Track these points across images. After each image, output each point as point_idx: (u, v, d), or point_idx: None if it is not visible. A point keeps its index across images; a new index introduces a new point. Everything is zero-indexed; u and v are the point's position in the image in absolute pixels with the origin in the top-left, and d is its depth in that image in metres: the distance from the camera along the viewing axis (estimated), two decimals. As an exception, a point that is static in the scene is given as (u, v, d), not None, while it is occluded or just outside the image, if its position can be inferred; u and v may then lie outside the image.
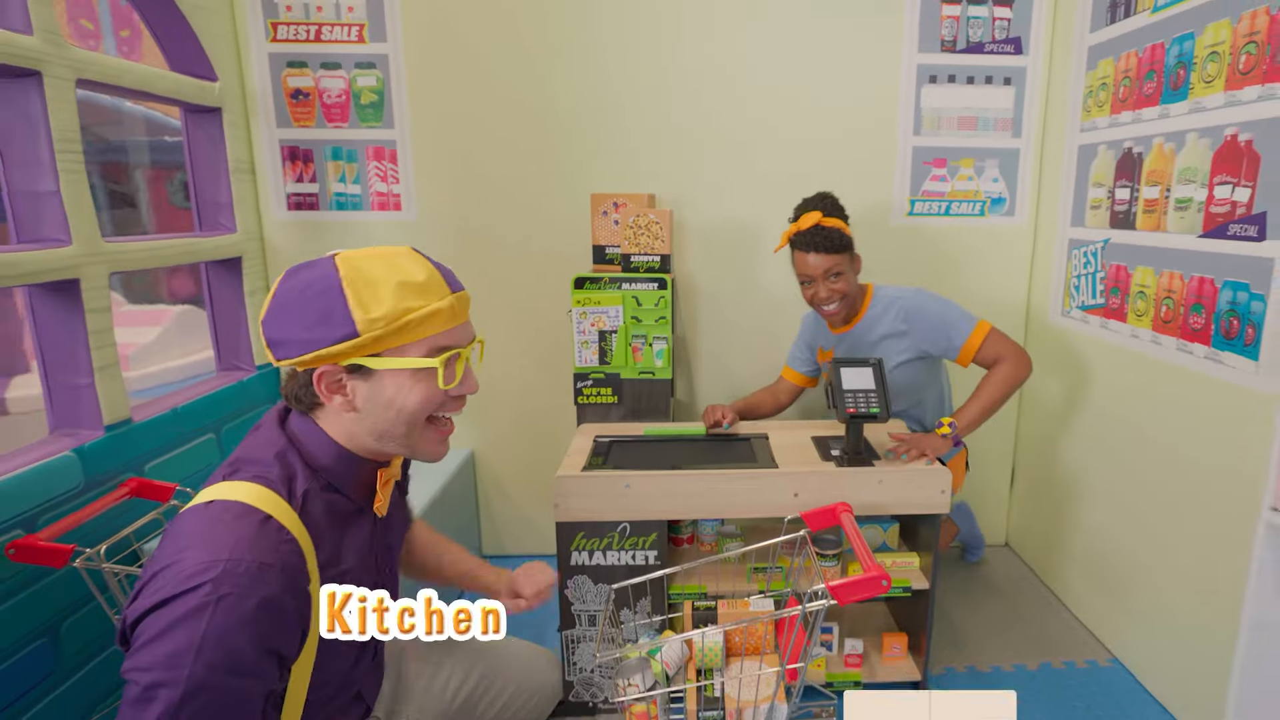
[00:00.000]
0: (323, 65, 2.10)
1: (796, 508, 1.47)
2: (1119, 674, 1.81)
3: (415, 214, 2.18)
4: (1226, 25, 1.43)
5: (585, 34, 2.08)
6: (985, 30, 2.04)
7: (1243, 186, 1.40)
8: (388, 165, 2.15)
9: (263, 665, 0.75)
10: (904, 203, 2.17)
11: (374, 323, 0.80)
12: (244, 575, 0.71)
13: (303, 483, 0.85)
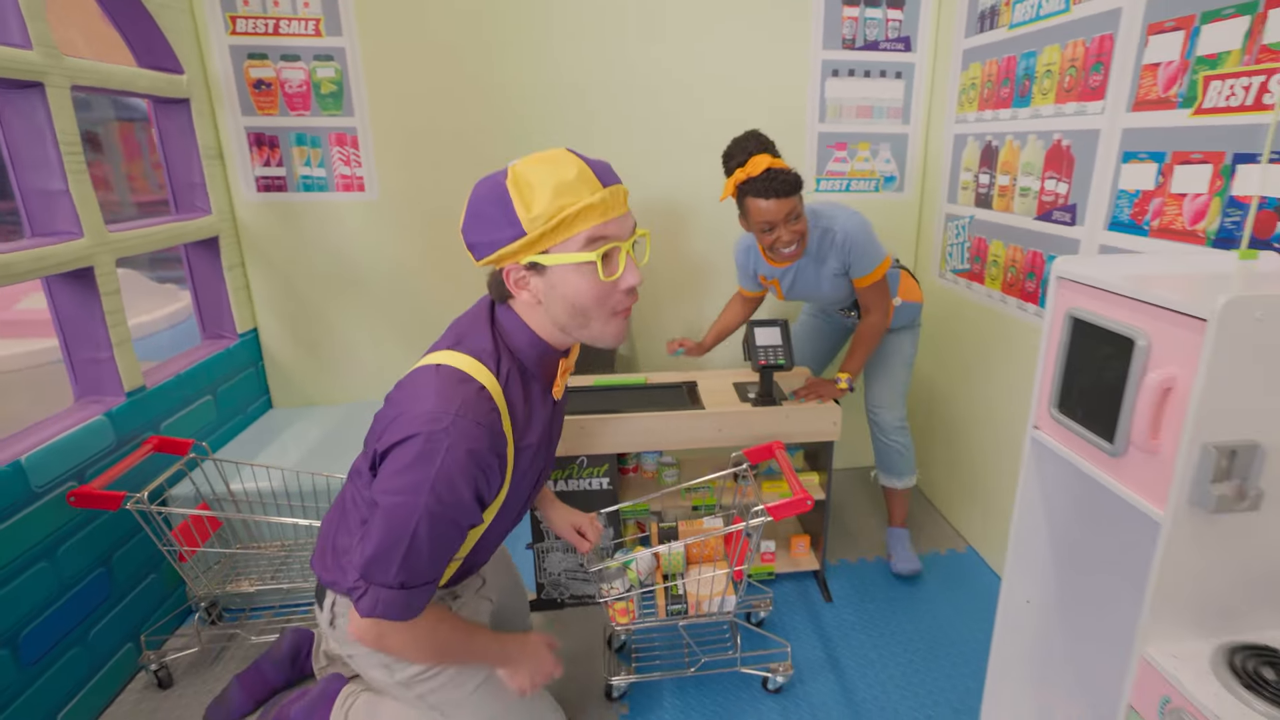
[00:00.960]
0: (283, 57, 2.20)
1: (720, 441, 1.85)
2: (972, 558, 2.29)
3: (378, 194, 2.34)
4: (1057, 49, 1.75)
5: (533, 24, 2.23)
6: (880, 30, 2.31)
7: (1063, 182, 1.75)
8: (349, 150, 2.29)
9: (472, 500, 0.94)
10: (811, 181, 2.46)
11: (535, 221, 0.90)
12: (466, 429, 0.89)
13: (505, 364, 1.00)
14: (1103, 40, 1.58)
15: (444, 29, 2.21)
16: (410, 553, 0.92)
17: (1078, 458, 1.13)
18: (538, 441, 1.07)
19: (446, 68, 2.24)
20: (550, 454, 1.20)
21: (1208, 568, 0.98)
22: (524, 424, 1.02)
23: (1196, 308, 0.87)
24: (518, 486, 1.07)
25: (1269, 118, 1.20)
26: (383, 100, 2.26)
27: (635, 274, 0.98)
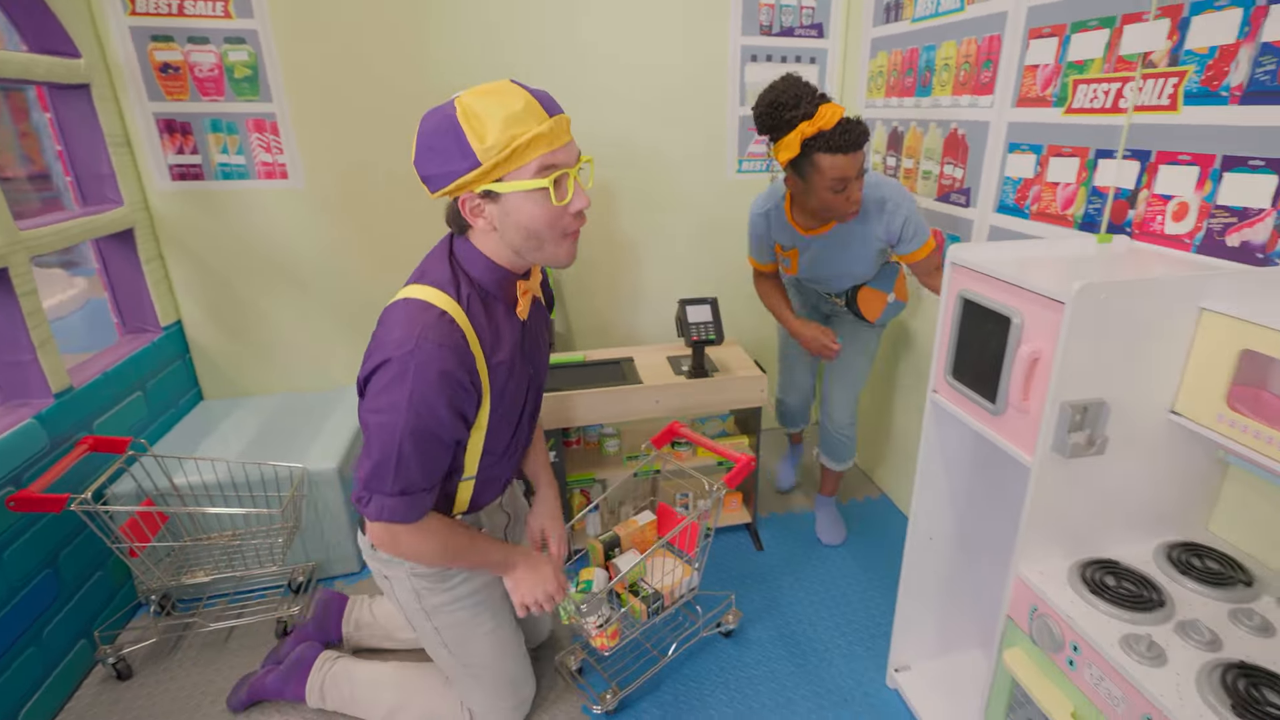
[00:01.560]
0: (190, 39, 2.14)
1: (658, 412, 2.02)
2: (885, 503, 2.61)
3: (303, 181, 2.34)
4: (954, 45, 1.96)
5: (456, 6, 2.26)
6: (795, 17, 2.48)
7: (959, 167, 1.98)
8: (269, 137, 2.27)
9: (450, 416, 1.07)
10: (734, 162, 2.62)
11: (489, 151, 0.97)
12: (431, 351, 1.02)
13: (465, 289, 1.11)
14: (992, 40, 1.79)
15: (362, 7, 2.20)
16: (401, 464, 1.06)
17: (968, 416, 1.36)
18: (510, 358, 1.18)
19: (367, 48, 2.23)
20: (533, 374, 1.31)
21: (1066, 501, 1.23)
22: (492, 342, 1.14)
23: (1058, 292, 1.09)
24: (502, 403, 1.20)
25: (1122, 120, 1.44)
26: (301, 84, 2.24)
27: (583, 198, 1.07)
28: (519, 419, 1.30)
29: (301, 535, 2.07)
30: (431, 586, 1.36)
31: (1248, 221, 1.21)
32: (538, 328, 1.32)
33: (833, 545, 2.32)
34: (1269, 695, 0.97)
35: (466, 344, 1.07)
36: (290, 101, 2.25)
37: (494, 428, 1.21)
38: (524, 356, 1.24)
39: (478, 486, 1.30)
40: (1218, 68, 1.23)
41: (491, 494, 1.38)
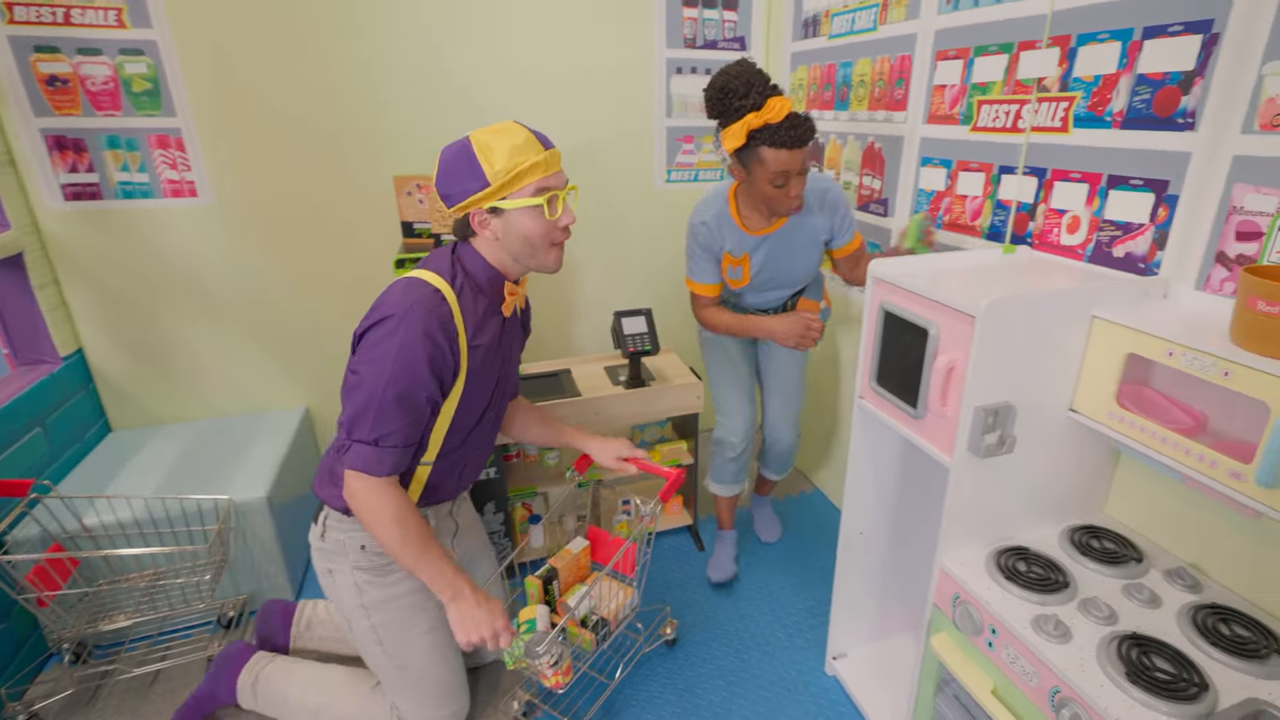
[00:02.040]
0: (79, 51, 2.03)
1: (598, 423, 2.06)
2: (819, 497, 2.76)
3: (213, 198, 2.26)
4: (868, 63, 2.10)
5: (371, 18, 2.23)
6: (718, 30, 2.57)
7: (877, 179, 2.12)
8: (175, 153, 2.18)
9: (429, 375, 1.24)
10: (662, 172, 2.71)
11: (497, 174, 1.24)
12: (422, 314, 1.22)
13: (460, 278, 1.33)
14: (904, 60, 1.93)
15: (270, 15, 2.14)
16: (381, 412, 1.23)
17: (892, 420, 1.48)
18: (489, 344, 1.38)
19: (278, 58, 2.18)
20: (503, 373, 1.49)
21: (982, 495, 1.36)
22: (475, 325, 1.34)
23: (969, 307, 1.21)
24: (475, 384, 1.38)
25: (1021, 139, 1.59)
26: (208, 97, 2.16)
27: (570, 215, 1.35)
28: (484, 409, 1.45)
29: (230, 568, 2.01)
30: (373, 580, 1.45)
31: (1130, 235, 1.36)
32: (514, 336, 1.52)
33: (771, 542, 2.43)
34: (1157, 661, 1.11)
35: (452, 318, 1.27)
36: (196, 115, 2.17)
37: (463, 406, 1.37)
38: (499, 351, 1.43)
39: (434, 475, 1.43)
40: (1101, 95, 1.38)
41: (445, 492, 1.50)
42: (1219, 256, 1.22)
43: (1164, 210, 1.29)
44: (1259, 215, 1.15)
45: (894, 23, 1.95)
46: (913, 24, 1.87)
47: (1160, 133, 1.28)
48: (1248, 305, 1.03)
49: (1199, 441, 1.11)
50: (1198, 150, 1.22)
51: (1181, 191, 1.26)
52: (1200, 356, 1.07)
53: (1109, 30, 1.35)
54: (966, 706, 1.37)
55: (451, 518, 1.61)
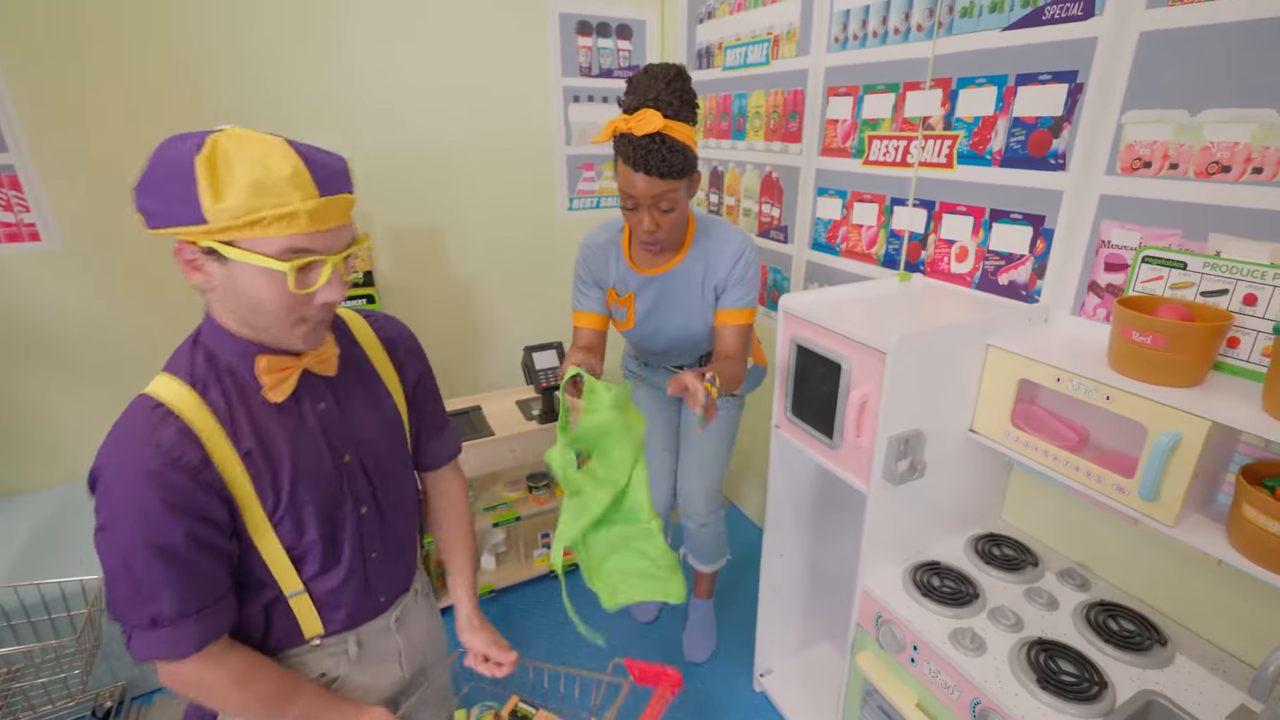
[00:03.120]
0: None
1: (513, 462, 1.99)
2: (734, 515, 2.81)
3: (59, 242, 2.04)
4: (762, 95, 2.17)
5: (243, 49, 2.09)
6: (613, 59, 2.59)
7: (776, 207, 2.19)
8: (9, 193, 1.96)
9: (179, 521, 0.85)
10: (565, 200, 2.69)
11: (221, 213, 0.79)
12: (134, 452, 0.85)
13: (203, 368, 0.92)
14: (796, 94, 2.01)
15: (115, 36, 1.96)
16: (137, 588, 0.87)
17: (809, 450, 1.53)
18: (281, 438, 0.96)
19: (131, 86, 2.00)
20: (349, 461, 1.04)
21: (897, 518, 1.42)
22: (241, 427, 0.93)
23: (879, 342, 1.26)
24: (285, 499, 0.96)
25: (910, 173, 1.68)
26: (48, 131, 1.95)
27: (336, 290, 0.90)
28: (337, 513, 1.03)
29: (104, 651, 1.81)
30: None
31: (1013, 264, 1.47)
32: (355, 401, 1.06)
33: (699, 662, 2.09)
34: (1062, 664, 1.20)
35: (189, 436, 0.88)
36: (34, 152, 1.95)
37: (290, 524, 0.98)
38: (319, 442, 1.00)
39: (322, 598, 1.05)
40: (981, 135, 1.48)
41: (362, 608, 1.10)
42: (1091, 285, 1.33)
43: (1041, 242, 1.40)
44: (1124, 249, 1.26)
45: (786, 58, 2.02)
46: (804, 60, 1.95)
47: (1035, 171, 1.39)
48: (1123, 335, 1.13)
49: (1083, 456, 1.21)
50: (1068, 189, 1.33)
51: (1056, 226, 1.37)
52: (1085, 382, 1.17)
53: (986, 75, 1.45)
54: (891, 718, 1.43)
55: (392, 633, 1.16)
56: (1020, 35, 1.38)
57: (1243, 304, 1.11)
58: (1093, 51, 1.26)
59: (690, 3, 2.44)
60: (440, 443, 1.24)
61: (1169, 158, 1.18)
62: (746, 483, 2.75)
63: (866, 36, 1.73)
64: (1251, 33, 1.06)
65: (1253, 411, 1.00)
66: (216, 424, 0.91)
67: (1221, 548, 1.03)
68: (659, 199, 1.39)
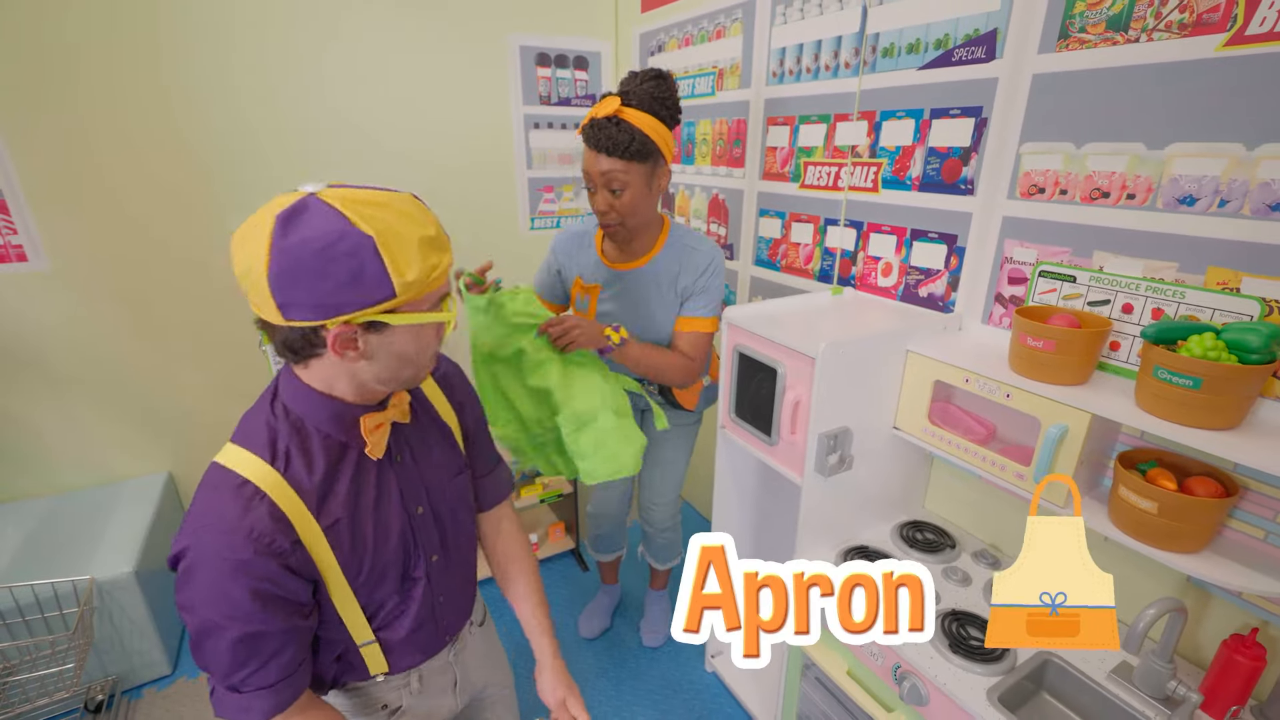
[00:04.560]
0: None
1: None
2: (686, 509, 2.85)
3: (47, 264, 1.99)
4: (709, 123, 2.21)
5: (219, 75, 2.06)
6: (570, 88, 2.62)
7: (723, 226, 2.24)
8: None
9: (262, 607, 0.80)
10: (527, 220, 2.70)
11: (409, 286, 0.76)
12: (217, 539, 0.78)
13: (285, 440, 0.84)
14: (739, 123, 2.06)
15: (103, 61, 1.92)
16: (218, 662, 0.83)
17: (750, 447, 1.57)
18: (363, 506, 0.90)
19: (118, 107, 1.96)
20: (420, 513, 0.98)
21: (828, 506, 1.47)
22: (326, 500, 0.87)
23: (809, 349, 1.31)
24: (364, 563, 0.91)
25: (841, 196, 1.74)
26: (35, 154, 1.90)
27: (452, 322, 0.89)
28: (409, 567, 0.99)
29: (96, 648, 1.79)
30: None
31: (931, 278, 1.53)
32: (428, 448, 1.00)
33: (654, 647, 2.11)
34: (972, 631, 1.25)
35: (280, 520, 0.82)
36: (21, 175, 1.91)
37: (368, 583, 0.93)
38: (395, 499, 0.94)
39: (391, 642, 1.00)
40: (902, 162, 1.54)
41: (426, 644, 1.05)
42: (998, 297, 1.40)
43: (955, 259, 1.47)
44: (1024, 264, 1.33)
45: (730, 89, 2.07)
46: (746, 92, 2.00)
47: (948, 195, 1.45)
48: (1020, 340, 1.19)
49: (990, 449, 1.28)
50: (976, 211, 1.40)
51: (967, 244, 1.43)
52: (989, 382, 1.23)
53: (905, 109, 1.51)
54: (827, 686, 1.48)
55: (450, 667, 1.11)
56: (934, 74, 1.44)
57: (1122, 312, 1.18)
58: (994, 90, 1.33)
59: (643, 37, 2.48)
60: (495, 482, 1.16)
61: (1059, 184, 1.25)
62: (695, 480, 2.79)
63: (801, 72, 1.79)
64: (1125, 76, 1.13)
65: (1128, 405, 1.07)
66: (301, 502, 0.83)
67: (1104, 525, 1.10)
68: (609, 179, 1.39)
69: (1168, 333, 1.04)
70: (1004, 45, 1.30)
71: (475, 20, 2.37)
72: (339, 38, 2.19)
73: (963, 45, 1.37)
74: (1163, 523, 1.02)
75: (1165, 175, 1.11)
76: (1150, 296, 1.14)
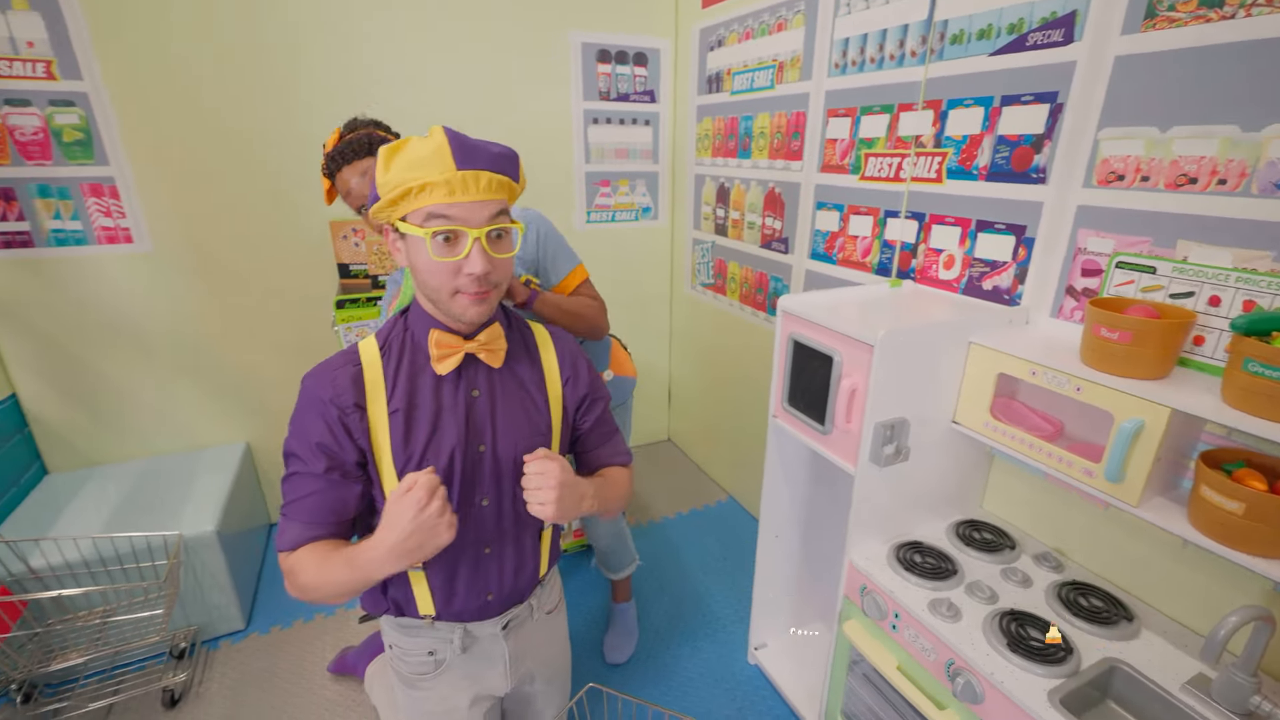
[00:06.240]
0: (8, 102, 1.86)
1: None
2: (732, 505, 2.75)
3: (150, 245, 2.09)
4: (767, 117, 2.14)
5: (305, 69, 2.11)
6: (630, 84, 2.58)
7: (778, 220, 2.17)
8: (109, 201, 2.00)
9: (325, 442, 0.91)
10: (583, 214, 2.68)
11: (383, 186, 0.86)
12: (312, 380, 0.93)
13: (397, 334, 0.97)
14: (799, 115, 1.98)
15: (203, 65, 2.00)
16: (288, 478, 0.95)
17: (803, 436, 1.50)
18: (410, 409, 0.95)
19: (212, 105, 2.04)
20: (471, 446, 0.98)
21: (882, 498, 1.39)
22: (392, 388, 0.94)
23: (867, 336, 1.24)
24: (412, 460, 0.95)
25: (903, 187, 1.65)
26: (143, 145, 2.00)
27: (479, 263, 0.88)
28: (462, 498, 1.00)
29: (180, 600, 1.86)
30: (399, 684, 1.14)
31: (997, 271, 1.44)
32: (510, 399, 1.01)
33: (618, 664, 1.92)
34: (1032, 632, 1.17)
35: (355, 379, 0.93)
36: (131, 164, 2.00)
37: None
38: (459, 426, 0.97)
39: (435, 582, 1.02)
40: (969, 151, 1.45)
41: (468, 606, 1.05)
42: (1069, 289, 1.30)
43: (1023, 250, 1.37)
44: (1099, 255, 1.23)
45: (789, 83, 2.00)
46: (806, 84, 1.92)
47: (1018, 185, 1.36)
48: (1093, 332, 1.10)
49: (1058, 445, 1.18)
50: (1048, 200, 1.30)
51: (1036, 235, 1.34)
52: (1058, 375, 1.14)
53: (973, 97, 1.42)
54: (874, 683, 1.41)
55: (499, 639, 1.10)
56: (1006, 60, 1.35)
57: (1208, 305, 1.08)
58: (1072, 74, 1.23)
59: (702, 32, 2.42)
60: (613, 447, 1.15)
61: (1140, 170, 1.15)
62: (740, 476, 2.71)
63: (864, 62, 1.71)
64: (1215, 55, 1.03)
65: (1213, 402, 0.97)
66: (381, 382, 0.94)
67: (1182, 527, 1.00)
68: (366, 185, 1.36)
69: (1261, 324, 0.94)
70: (1084, 27, 1.20)
71: (539, 19, 2.36)
72: (413, 37, 2.22)
73: (1039, 29, 1.28)
74: (1250, 525, 0.92)
75: (1262, 159, 1.00)
76: (1241, 288, 1.04)
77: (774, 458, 1.69)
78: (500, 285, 0.95)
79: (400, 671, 1.11)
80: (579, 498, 0.96)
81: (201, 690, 1.79)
